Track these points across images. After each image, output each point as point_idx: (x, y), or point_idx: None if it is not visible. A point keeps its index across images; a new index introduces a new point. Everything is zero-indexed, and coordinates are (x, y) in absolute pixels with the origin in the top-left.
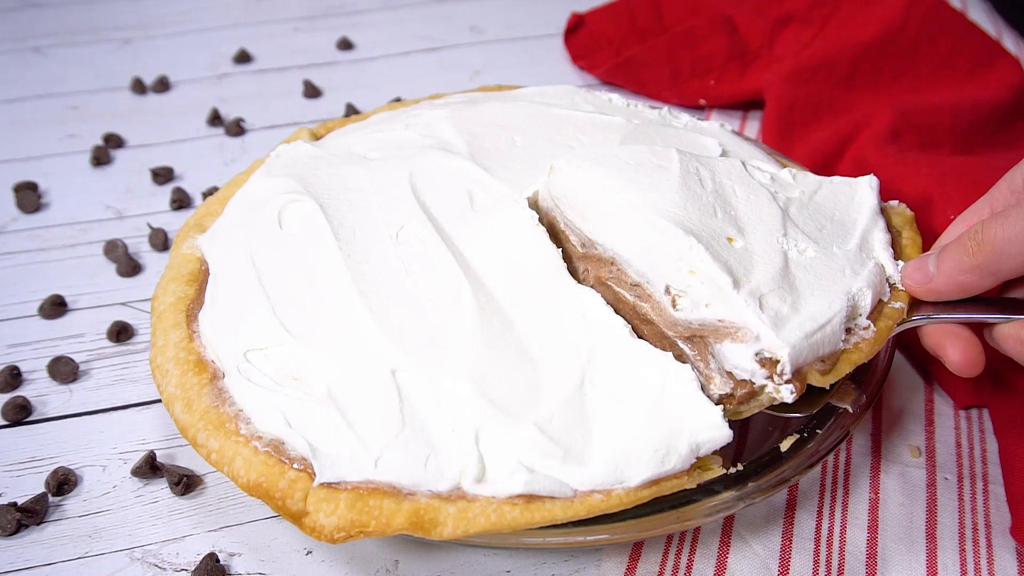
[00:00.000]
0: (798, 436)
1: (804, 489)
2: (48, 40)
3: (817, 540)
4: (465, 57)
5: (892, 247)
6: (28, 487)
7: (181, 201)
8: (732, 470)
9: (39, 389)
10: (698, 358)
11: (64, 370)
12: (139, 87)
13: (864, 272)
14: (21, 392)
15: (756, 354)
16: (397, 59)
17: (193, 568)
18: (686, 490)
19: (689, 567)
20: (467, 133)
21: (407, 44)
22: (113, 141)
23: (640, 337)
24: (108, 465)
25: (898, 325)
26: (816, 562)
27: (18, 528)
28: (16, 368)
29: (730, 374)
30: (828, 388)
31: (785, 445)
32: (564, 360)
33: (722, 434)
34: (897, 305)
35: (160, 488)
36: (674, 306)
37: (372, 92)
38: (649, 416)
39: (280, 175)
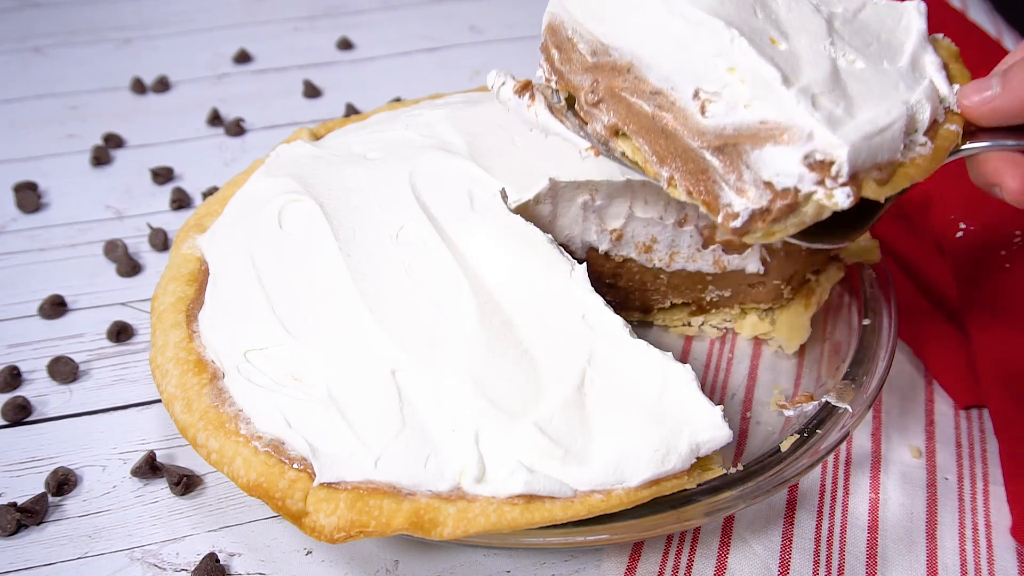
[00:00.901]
0: (798, 436)
1: (804, 489)
2: (48, 40)
3: (817, 540)
4: (465, 57)
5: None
6: (28, 487)
7: (181, 201)
8: (732, 470)
9: (39, 389)
10: (729, 170)
11: (64, 370)
12: (139, 87)
13: (919, 88)
14: (21, 392)
15: (806, 156)
16: (397, 59)
17: (193, 568)
18: (686, 490)
19: (689, 567)
20: (467, 133)
21: (407, 44)
22: (113, 141)
23: (656, 153)
24: (108, 465)
25: (951, 154)
26: (816, 562)
27: (18, 528)
28: (16, 368)
29: (768, 184)
30: (882, 202)
31: (785, 445)
32: (564, 360)
33: (722, 434)
34: (953, 127)
35: (160, 488)
36: (703, 112)
37: (372, 92)
38: (649, 416)
39: (280, 175)
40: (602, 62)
